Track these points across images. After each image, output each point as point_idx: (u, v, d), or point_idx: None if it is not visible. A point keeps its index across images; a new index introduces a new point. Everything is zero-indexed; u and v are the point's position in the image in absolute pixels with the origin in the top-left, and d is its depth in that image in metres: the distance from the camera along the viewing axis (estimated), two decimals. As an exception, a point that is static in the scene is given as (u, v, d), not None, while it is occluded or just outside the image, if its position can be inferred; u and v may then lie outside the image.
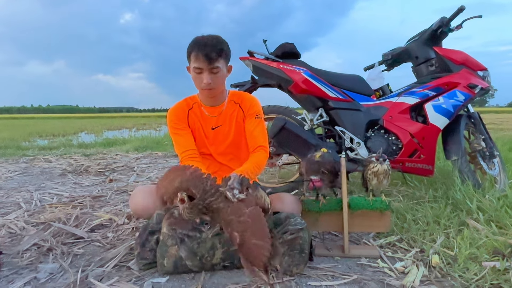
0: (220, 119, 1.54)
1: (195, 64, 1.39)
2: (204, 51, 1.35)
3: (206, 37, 1.41)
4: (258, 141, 1.49)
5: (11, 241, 1.49)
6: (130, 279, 1.15)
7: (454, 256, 1.28)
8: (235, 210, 1.02)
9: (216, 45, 1.38)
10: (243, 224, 0.99)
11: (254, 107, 1.57)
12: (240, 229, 0.99)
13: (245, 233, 0.98)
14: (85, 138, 7.35)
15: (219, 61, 1.39)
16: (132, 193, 1.49)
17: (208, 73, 1.39)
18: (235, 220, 1.00)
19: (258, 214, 1.04)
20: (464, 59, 2.04)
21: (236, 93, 1.61)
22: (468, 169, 1.98)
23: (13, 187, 2.59)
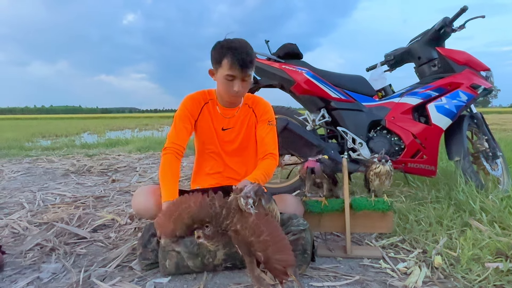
0: (232, 121, 1.54)
1: (229, 72, 1.35)
2: (242, 59, 1.32)
3: (239, 43, 1.36)
4: (268, 148, 1.47)
5: (14, 241, 1.49)
6: (133, 279, 1.16)
7: (457, 257, 1.28)
8: (254, 230, 1.00)
9: (249, 52, 1.35)
10: (265, 243, 0.99)
11: (267, 113, 1.56)
12: (262, 249, 0.99)
13: (268, 251, 0.99)
14: (87, 139, 7.37)
15: (251, 69, 1.38)
16: (135, 194, 1.49)
17: (240, 81, 1.37)
18: (255, 241, 1.00)
19: (276, 228, 1.04)
20: (467, 60, 2.03)
21: (251, 96, 1.60)
22: (471, 169, 1.97)
23: (16, 187, 2.60)
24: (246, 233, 1.01)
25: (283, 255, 0.99)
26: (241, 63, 1.32)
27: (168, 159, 1.42)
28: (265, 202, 1.08)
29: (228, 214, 1.04)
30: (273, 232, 1.02)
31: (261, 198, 1.06)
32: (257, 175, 1.34)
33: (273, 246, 0.99)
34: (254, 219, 1.01)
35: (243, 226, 1.02)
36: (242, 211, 1.02)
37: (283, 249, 1.00)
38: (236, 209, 1.03)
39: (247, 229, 1.01)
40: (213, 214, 1.04)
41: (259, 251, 1.00)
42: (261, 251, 0.99)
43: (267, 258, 0.99)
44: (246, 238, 1.01)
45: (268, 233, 1.00)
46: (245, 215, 1.02)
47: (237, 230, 1.02)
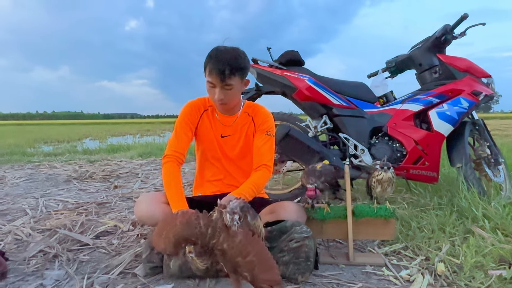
0: (231, 128, 1.55)
1: (209, 79, 1.38)
2: (218, 68, 1.33)
3: (223, 52, 1.37)
4: (263, 159, 1.47)
5: (17, 248, 1.50)
6: (136, 286, 1.16)
7: (460, 264, 1.28)
8: (240, 251, 1.01)
9: (231, 62, 1.34)
10: (251, 264, 1.00)
11: (267, 123, 1.55)
12: (248, 269, 1.00)
13: (254, 272, 1.00)
14: (89, 144, 7.39)
15: (232, 78, 1.36)
16: (137, 200, 1.50)
17: (220, 89, 1.38)
18: (242, 261, 1.01)
19: (262, 248, 1.04)
20: (468, 66, 2.04)
21: (252, 105, 1.60)
22: (473, 176, 1.97)
23: (19, 193, 2.60)
24: (233, 253, 1.02)
25: (269, 275, 1.00)
26: (218, 72, 1.33)
27: (169, 168, 1.43)
28: (251, 219, 1.08)
29: (214, 233, 1.04)
30: (259, 252, 1.03)
31: (246, 214, 1.06)
32: (244, 189, 1.33)
33: (259, 266, 1.00)
34: (241, 239, 1.02)
35: (229, 245, 1.02)
36: (228, 230, 1.02)
37: (269, 269, 1.01)
38: (222, 228, 1.03)
39: (234, 249, 1.02)
40: (199, 234, 1.05)
41: (246, 272, 1.01)
42: (248, 272, 1.00)
43: (253, 278, 1.00)
44: (232, 258, 1.02)
45: (254, 253, 1.01)
46: (231, 234, 1.02)
47: (224, 250, 1.03)
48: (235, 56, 1.36)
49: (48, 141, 8.98)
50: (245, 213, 1.05)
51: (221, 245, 1.03)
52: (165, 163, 1.45)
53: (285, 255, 1.20)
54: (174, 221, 1.09)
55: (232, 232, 1.01)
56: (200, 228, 1.05)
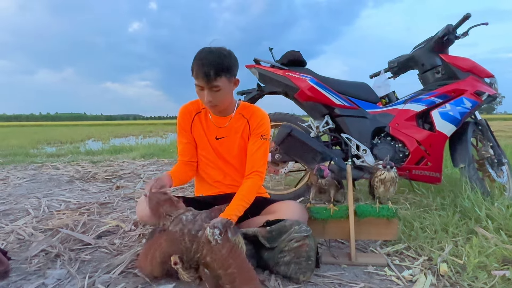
0: (225, 130, 1.52)
1: (196, 82, 1.36)
2: (203, 70, 1.30)
3: (208, 53, 1.34)
4: (255, 165, 1.44)
5: (19, 247, 1.50)
6: (137, 285, 1.16)
7: (462, 264, 1.27)
8: (222, 263, 1.06)
9: (216, 63, 1.31)
10: (232, 276, 1.05)
11: (262, 127, 1.50)
12: (229, 281, 1.05)
13: (235, 284, 1.04)
14: (92, 146, 7.42)
15: (218, 80, 1.32)
16: (139, 200, 1.50)
17: (208, 91, 1.35)
18: (223, 273, 1.05)
19: (243, 260, 1.08)
20: (471, 66, 2.03)
21: (247, 106, 1.56)
22: (476, 176, 1.96)
23: (22, 193, 2.61)
24: (215, 265, 1.06)
25: (249, 286, 1.04)
26: (203, 74, 1.30)
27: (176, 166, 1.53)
28: (231, 235, 1.10)
29: (198, 247, 1.09)
30: (240, 265, 1.07)
31: (227, 230, 1.10)
32: (233, 208, 1.28)
33: (239, 278, 1.04)
34: (222, 252, 1.06)
35: (212, 258, 1.07)
36: (211, 244, 1.07)
37: (249, 280, 1.05)
38: (205, 242, 1.08)
39: (216, 262, 1.06)
40: (184, 249, 1.10)
41: (227, 284, 1.05)
42: (229, 283, 1.05)
43: None
44: (214, 270, 1.06)
45: (235, 265, 1.05)
46: (214, 248, 1.07)
47: (207, 263, 1.07)
48: (219, 56, 1.33)
49: (51, 142, 9.02)
50: (226, 228, 1.10)
51: (205, 258, 1.08)
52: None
53: (285, 255, 1.19)
54: (159, 241, 1.15)
55: (215, 247, 1.06)
56: (185, 244, 1.11)
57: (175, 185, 1.44)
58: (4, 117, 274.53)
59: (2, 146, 6.69)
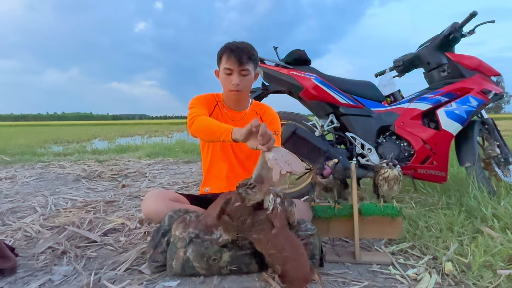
0: (239, 124, 1.55)
1: (226, 65, 1.45)
2: (237, 53, 1.42)
3: (238, 42, 1.48)
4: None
5: (27, 244, 1.52)
6: (142, 282, 1.17)
7: (468, 263, 1.26)
8: (276, 245, 1.04)
9: (248, 49, 1.46)
10: (284, 259, 1.03)
11: (275, 124, 1.60)
12: (280, 263, 1.03)
13: (286, 267, 1.02)
14: (98, 145, 7.47)
15: (249, 64, 1.45)
16: (144, 198, 1.51)
17: (237, 75, 1.45)
18: (275, 255, 1.04)
19: (298, 245, 1.06)
20: (477, 65, 2.02)
21: (259, 104, 1.65)
22: (482, 175, 1.95)
23: (29, 191, 2.64)
24: (268, 245, 1.04)
25: (300, 273, 1.02)
26: (237, 56, 1.42)
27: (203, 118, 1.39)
28: (288, 205, 1.10)
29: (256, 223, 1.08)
30: (294, 249, 1.04)
31: (284, 200, 1.09)
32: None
33: (291, 263, 1.02)
34: (277, 233, 1.04)
35: (265, 237, 1.05)
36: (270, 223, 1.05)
37: (302, 267, 1.03)
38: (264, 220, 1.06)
39: (269, 242, 1.04)
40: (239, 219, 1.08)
41: (278, 265, 1.03)
42: (280, 265, 1.03)
43: (284, 272, 1.02)
44: (267, 250, 1.05)
45: (289, 249, 1.03)
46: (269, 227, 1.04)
47: (260, 239, 1.06)
48: (249, 45, 1.49)
49: (58, 142, 9.10)
50: (284, 198, 1.08)
51: (258, 234, 1.06)
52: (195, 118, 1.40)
53: (290, 253, 1.20)
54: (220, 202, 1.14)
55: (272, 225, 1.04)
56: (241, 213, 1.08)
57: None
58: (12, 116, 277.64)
59: (10, 145, 6.76)
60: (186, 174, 3.46)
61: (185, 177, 3.24)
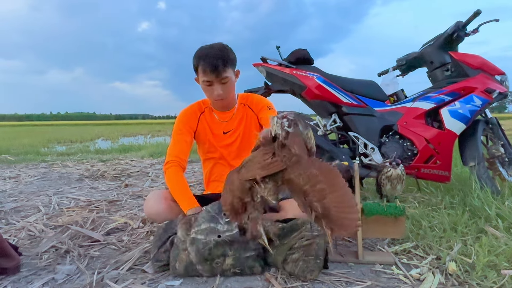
0: (231, 123, 1.56)
1: (204, 78, 1.39)
2: (211, 64, 1.35)
3: (210, 49, 1.39)
4: None
5: (30, 243, 1.53)
6: (144, 281, 1.17)
7: (471, 263, 1.25)
8: (309, 178, 0.88)
9: (221, 55, 1.37)
10: (321, 192, 0.87)
11: (263, 101, 1.58)
12: (318, 198, 0.87)
13: (325, 202, 0.86)
14: (101, 145, 7.50)
15: (226, 71, 1.38)
16: (147, 198, 1.52)
17: (218, 85, 1.40)
18: (310, 189, 0.88)
19: (335, 175, 0.90)
20: (481, 64, 2.00)
21: (244, 95, 1.63)
22: (486, 175, 1.94)
23: (33, 191, 2.66)
24: (301, 181, 0.88)
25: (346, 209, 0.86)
26: (212, 68, 1.35)
27: (174, 171, 1.42)
28: (303, 128, 0.94)
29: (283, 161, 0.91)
30: (332, 180, 0.88)
31: (297, 123, 0.93)
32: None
33: (331, 195, 0.86)
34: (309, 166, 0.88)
35: (296, 173, 0.89)
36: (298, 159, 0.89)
37: (346, 200, 0.87)
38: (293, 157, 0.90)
39: (301, 176, 0.88)
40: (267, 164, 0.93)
41: (315, 201, 0.87)
42: (318, 201, 0.87)
43: (325, 209, 0.86)
44: (300, 186, 0.89)
45: (325, 181, 0.87)
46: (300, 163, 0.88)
47: (291, 179, 0.90)
48: (221, 49, 1.39)
49: (61, 141, 9.14)
50: (296, 121, 0.93)
51: (289, 174, 0.91)
52: (167, 169, 1.45)
53: (294, 252, 1.19)
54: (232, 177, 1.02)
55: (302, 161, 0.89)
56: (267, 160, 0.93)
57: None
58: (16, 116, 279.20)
59: (14, 145, 6.80)
60: (188, 173, 3.46)
61: (187, 177, 3.24)
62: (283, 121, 0.90)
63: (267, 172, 0.93)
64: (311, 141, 0.97)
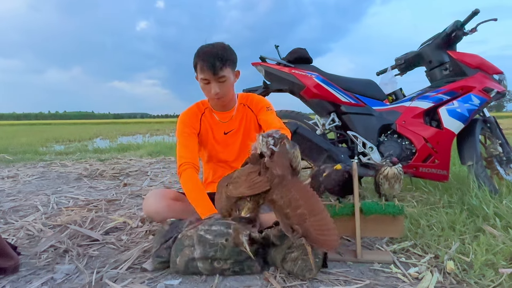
0: (231, 123, 1.56)
1: (202, 75, 1.40)
2: (209, 62, 1.35)
3: (210, 47, 1.40)
4: (277, 126, 1.46)
5: (29, 243, 1.53)
6: (143, 280, 1.17)
7: (469, 262, 1.26)
8: (290, 202, 0.93)
9: (220, 54, 1.37)
10: (301, 217, 0.93)
11: (262, 102, 1.59)
12: (298, 221, 0.93)
13: (305, 225, 0.92)
14: (100, 144, 7.49)
15: (224, 70, 1.38)
16: (146, 197, 1.52)
17: (215, 83, 1.40)
18: (291, 214, 0.93)
19: (315, 200, 0.95)
20: (479, 63, 2.01)
21: (244, 95, 1.63)
22: (484, 174, 1.94)
23: (31, 190, 2.65)
24: (282, 203, 0.94)
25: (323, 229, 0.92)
26: (210, 66, 1.35)
27: (189, 174, 1.40)
28: (290, 147, 0.97)
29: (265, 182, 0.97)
30: (312, 205, 0.94)
31: (285, 142, 0.96)
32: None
33: (311, 219, 0.92)
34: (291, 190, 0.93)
35: (279, 196, 0.94)
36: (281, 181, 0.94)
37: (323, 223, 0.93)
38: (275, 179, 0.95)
39: (283, 200, 0.93)
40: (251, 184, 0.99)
41: (296, 224, 0.93)
42: (298, 224, 0.93)
43: (305, 231, 0.92)
44: (282, 209, 0.94)
45: (306, 205, 0.93)
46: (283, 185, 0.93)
47: (273, 200, 0.95)
48: (221, 49, 1.40)
49: (60, 141, 9.12)
50: (282, 139, 0.95)
51: (271, 195, 0.96)
52: (182, 171, 1.42)
53: (293, 251, 1.19)
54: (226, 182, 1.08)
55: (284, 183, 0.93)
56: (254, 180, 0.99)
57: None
58: (14, 115, 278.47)
59: (12, 144, 6.78)
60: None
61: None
62: (269, 139, 0.93)
63: (252, 192, 0.99)
64: (297, 160, 1.01)
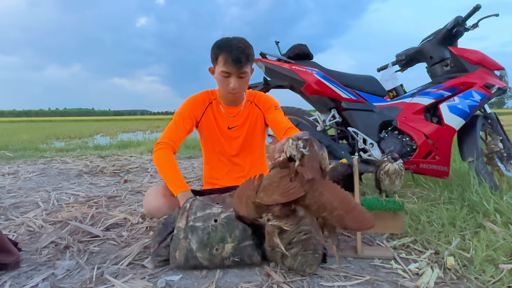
0: (237, 119, 1.56)
1: (224, 68, 1.37)
2: (234, 56, 1.34)
3: (234, 40, 1.38)
4: (286, 125, 1.46)
5: (30, 239, 1.53)
6: (144, 276, 1.17)
7: (470, 258, 1.26)
8: (325, 207, 0.94)
9: (244, 49, 1.36)
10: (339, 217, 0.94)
11: (270, 101, 1.58)
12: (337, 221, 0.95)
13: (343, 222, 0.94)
14: (100, 140, 7.49)
15: (247, 66, 1.38)
16: (146, 194, 1.52)
17: (235, 78, 1.39)
18: (329, 217, 0.95)
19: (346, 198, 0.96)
20: (480, 59, 2.00)
21: (253, 93, 1.63)
22: (485, 170, 1.94)
23: (32, 187, 2.65)
24: (317, 208, 0.94)
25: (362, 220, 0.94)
26: (235, 59, 1.33)
27: (164, 152, 1.41)
28: (318, 149, 0.97)
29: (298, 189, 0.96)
30: (347, 205, 0.94)
31: (313, 143, 0.96)
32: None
33: (347, 217, 0.93)
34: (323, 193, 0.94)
35: (312, 200, 0.94)
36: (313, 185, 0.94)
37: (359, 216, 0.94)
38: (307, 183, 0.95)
39: (317, 204, 0.94)
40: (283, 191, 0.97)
41: (335, 224, 0.96)
42: (337, 223, 0.95)
43: (344, 226, 0.95)
44: (318, 213, 0.96)
45: (341, 207, 0.93)
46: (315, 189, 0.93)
47: (307, 205, 0.96)
48: (246, 43, 1.39)
49: (60, 137, 9.13)
50: (311, 142, 0.95)
51: (304, 200, 0.95)
52: (158, 149, 1.43)
53: (293, 246, 1.19)
54: (251, 185, 1.04)
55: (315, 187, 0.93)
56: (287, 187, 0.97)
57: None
58: (14, 112, 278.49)
59: (12, 141, 6.79)
60: (187, 169, 3.46)
61: (187, 173, 3.24)
62: (298, 142, 0.92)
63: (287, 199, 0.96)
64: (326, 161, 1.00)
